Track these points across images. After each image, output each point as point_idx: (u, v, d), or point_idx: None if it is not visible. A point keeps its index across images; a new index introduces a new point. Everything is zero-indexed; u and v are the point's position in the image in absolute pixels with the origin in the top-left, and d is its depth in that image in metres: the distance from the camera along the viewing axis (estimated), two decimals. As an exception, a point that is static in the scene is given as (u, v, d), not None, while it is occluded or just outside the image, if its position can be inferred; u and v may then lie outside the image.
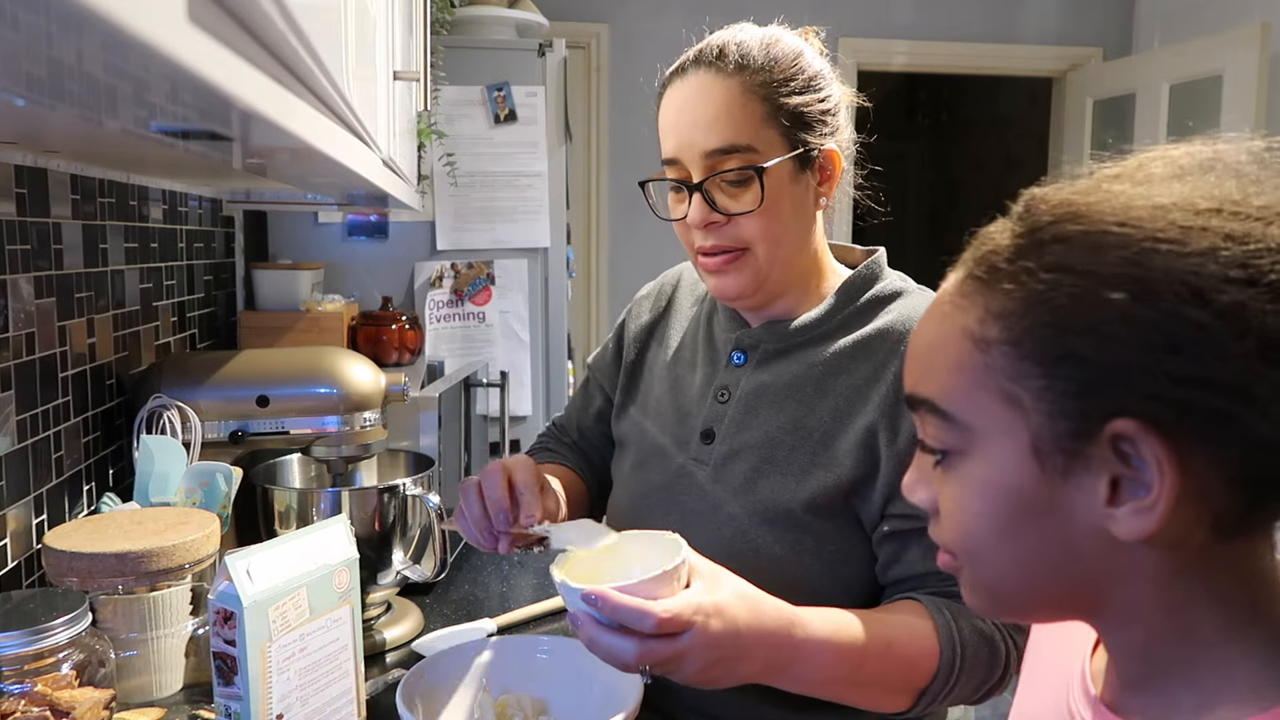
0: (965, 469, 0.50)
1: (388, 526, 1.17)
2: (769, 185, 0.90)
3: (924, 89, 6.27)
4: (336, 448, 1.23)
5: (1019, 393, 0.46)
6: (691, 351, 1.06)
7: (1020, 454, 0.47)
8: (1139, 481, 0.44)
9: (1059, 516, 0.47)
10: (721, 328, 1.03)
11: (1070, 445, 0.45)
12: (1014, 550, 0.49)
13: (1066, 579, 0.49)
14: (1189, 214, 0.44)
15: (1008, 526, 0.49)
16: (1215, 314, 0.42)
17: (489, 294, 2.19)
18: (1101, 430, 0.44)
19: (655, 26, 3.44)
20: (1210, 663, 0.47)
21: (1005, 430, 0.47)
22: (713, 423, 0.99)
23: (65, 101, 0.50)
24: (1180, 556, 0.46)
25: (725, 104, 0.90)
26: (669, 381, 1.06)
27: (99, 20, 0.25)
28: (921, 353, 0.53)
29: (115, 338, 1.29)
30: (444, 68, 2.04)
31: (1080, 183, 0.49)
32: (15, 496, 1.02)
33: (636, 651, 0.72)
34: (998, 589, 0.52)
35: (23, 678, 0.79)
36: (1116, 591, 0.48)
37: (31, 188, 1.05)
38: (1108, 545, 0.46)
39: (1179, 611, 0.48)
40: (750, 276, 0.94)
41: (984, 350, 0.48)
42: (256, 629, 0.82)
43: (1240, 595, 0.47)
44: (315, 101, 0.60)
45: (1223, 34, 3.12)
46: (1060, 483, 0.46)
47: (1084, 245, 0.45)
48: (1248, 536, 0.47)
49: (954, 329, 0.50)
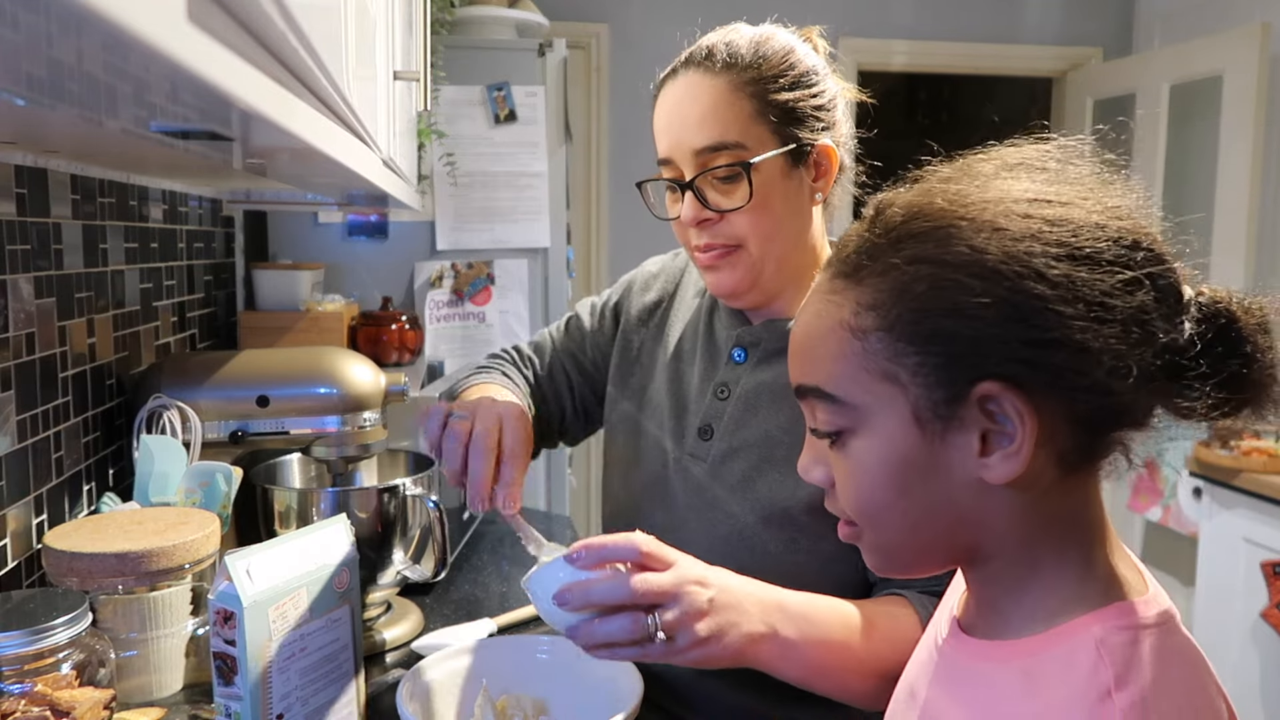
0: (856, 445, 0.57)
1: (388, 526, 1.17)
2: (758, 180, 0.91)
3: (924, 89, 6.27)
4: (336, 448, 1.23)
5: (896, 370, 0.54)
6: (691, 346, 1.06)
7: (903, 423, 0.54)
8: (1003, 434, 0.52)
9: (940, 473, 0.55)
10: (722, 324, 1.03)
11: (945, 410, 0.53)
12: (904, 508, 0.56)
13: (947, 528, 0.57)
14: (1014, 204, 0.53)
15: (899, 488, 0.56)
16: (1050, 285, 0.50)
17: (489, 294, 2.19)
18: (970, 393, 0.52)
19: (655, 26, 3.44)
20: (1039, 584, 0.56)
21: (888, 405, 0.55)
22: (711, 419, 0.98)
23: (65, 101, 0.50)
24: (1032, 494, 0.54)
25: (713, 102, 0.90)
26: (667, 375, 1.06)
27: (99, 20, 0.25)
28: (803, 347, 0.59)
29: (115, 338, 1.29)
30: (444, 68, 2.04)
31: (920, 185, 0.58)
32: (15, 496, 1.02)
33: (631, 581, 0.73)
34: (892, 546, 0.60)
35: (23, 678, 0.79)
36: (984, 532, 0.56)
37: (31, 188, 1.05)
38: (980, 492, 0.54)
39: (1027, 542, 0.56)
40: (744, 272, 0.95)
41: (861, 338, 0.55)
42: (256, 629, 0.82)
43: (1069, 524, 0.56)
44: (315, 101, 0.60)
45: (1223, 34, 3.12)
46: (939, 443, 0.54)
47: (934, 239, 0.53)
48: (1084, 472, 0.56)
49: (830, 322, 0.57)
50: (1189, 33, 3.40)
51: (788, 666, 0.79)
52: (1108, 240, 0.52)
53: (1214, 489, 2.38)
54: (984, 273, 0.51)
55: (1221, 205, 3.05)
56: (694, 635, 0.73)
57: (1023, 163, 0.57)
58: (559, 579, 0.75)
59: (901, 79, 5.75)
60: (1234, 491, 2.31)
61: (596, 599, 0.73)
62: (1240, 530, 2.30)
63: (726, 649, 0.75)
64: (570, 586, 0.74)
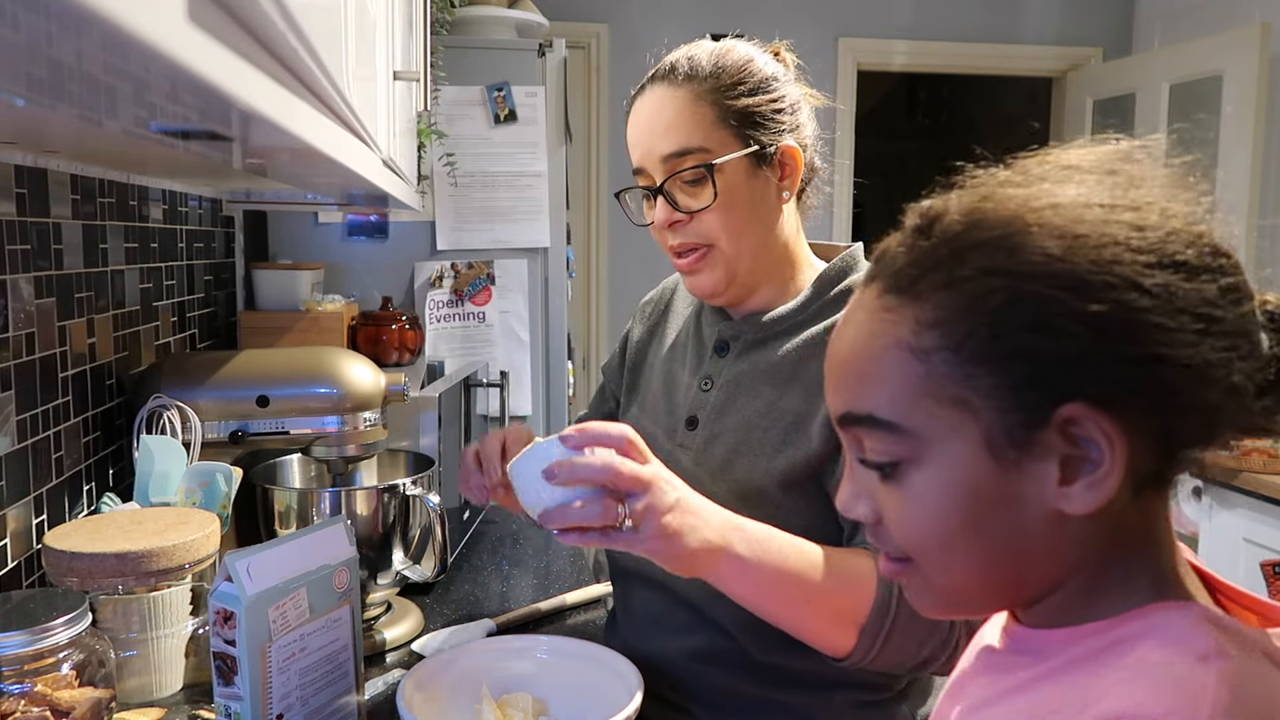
0: (917, 476, 0.51)
1: (388, 526, 1.17)
2: (723, 180, 0.97)
3: (924, 89, 6.26)
4: (336, 448, 1.23)
5: (966, 394, 0.49)
6: (683, 348, 1.12)
7: (974, 451, 0.49)
8: (1087, 459, 0.47)
9: (1013, 505, 0.49)
10: (708, 323, 1.09)
11: (1021, 435, 0.48)
12: (972, 546, 0.51)
13: (1016, 566, 0.52)
14: (1087, 209, 0.48)
15: (968, 523, 0.51)
16: (1149, 295, 0.45)
17: (489, 294, 2.19)
18: (1051, 417, 0.47)
19: (655, 26, 3.44)
20: (1106, 594, 0.51)
21: (955, 432, 0.49)
22: (696, 410, 1.05)
23: (65, 101, 0.50)
24: (1105, 520, 0.49)
25: (677, 111, 0.98)
26: (663, 377, 1.12)
27: (99, 20, 0.25)
28: (851, 371, 0.54)
29: (115, 338, 1.29)
30: (444, 68, 2.04)
31: (975, 189, 0.52)
32: (15, 496, 1.02)
33: (614, 462, 0.79)
34: (955, 588, 0.54)
35: (23, 678, 0.79)
36: (1053, 567, 0.51)
37: (31, 188, 1.05)
38: (1054, 524, 0.49)
39: (1094, 570, 0.51)
40: (721, 272, 1.01)
41: (923, 359, 0.50)
42: (256, 629, 0.82)
43: (1142, 544, 0.51)
44: (315, 101, 0.60)
45: (1223, 34, 3.12)
46: (1015, 472, 0.49)
47: (1004, 247, 0.48)
48: (1157, 488, 0.51)
49: (885, 342, 0.51)
50: (1189, 33, 3.40)
51: (741, 586, 0.85)
52: (1195, 247, 0.47)
53: (1214, 489, 2.38)
54: (1070, 283, 0.46)
55: (1221, 205, 3.05)
56: (657, 526, 0.79)
57: (1083, 165, 0.52)
58: (551, 456, 0.81)
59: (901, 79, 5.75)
60: (1234, 491, 2.31)
61: (583, 474, 0.80)
62: (1240, 530, 2.30)
63: (685, 549, 0.81)
64: (560, 462, 0.80)
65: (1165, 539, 0.52)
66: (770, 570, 0.84)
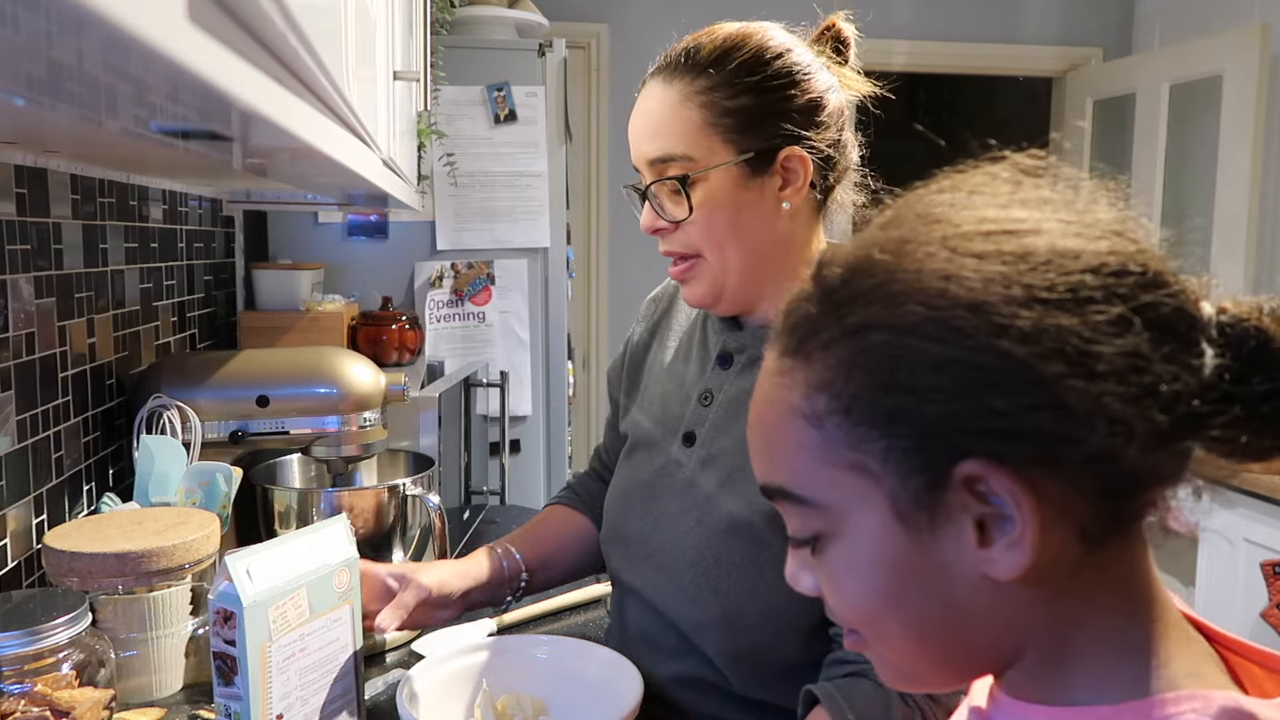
0: (836, 550, 0.48)
1: (388, 526, 1.17)
2: (704, 191, 0.90)
3: (924, 89, 6.26)
4: (336, 448, 1.23)
5: (864, 460, 0.45)
6: (686, 350, 1.06)
7: (884, 520, 0.45)
8: (1002, 516, 0.43)
9: (937, 572, 0.45)
10: (714, 329, 1.03)
11: (928, 499, 0.44)
12: (905, 618, 0.47)
13: (959, 635, 0.47)
14: (966, 241, 0.44)
15: (893, 595, 0.47)
16: (1019, 339, 0.41)
17: (489, 294, 2.19)
18: (950, 476, 0.43)
19: (655, 26, 3.44)
20: (1083, 669, 0.47)
21: (862, 500, 0.46)
22: (694, 425, 0.99)
23: (65, 101, 0.50)
24: (1057, 581, 0.45)
25: (663, 114, 0.90)
26: (664, 378, 1.07)
27: (99, 20, 0.25)
28: (758, 440, 0.51)
29: (115, 338, 1.29)
30: (444, 68, 2.04)
31: (860, 236, 0.48)
32: (15, 496, 1.02)
33: None
34: (901, 662, 0.50)
35: (23, 678, 0.79)
36: (1008, 634, 0.47)
37: (31, 188, 1.05)
38: (991, 589, 0.45)
39: (1061, 630, 0.47)
40: (708, 284, 0.94)
41: (817, 426, 0.46)
42: (256, 629, 0.82)
43: (1116, 603, 0.47)
44: (315, 101, 0.60)
45: (1223, 34, 3.12)
46: (930, 538, 0.45)
47: (879, 299, 0.45)
48: (1119, 537, 0.46)
49: (783, 410, 0.48)
50: (1189, 33, 3.40)
51: None
52: (1085, 270, 0.42)
53: (1214, 488, 2.37)
54: (943, 334, 0.42)
55: (1221, 206, 3.05)
56: None
57: (978, 187, 0.48)
58: None
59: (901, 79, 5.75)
60: (1234, 491, 2.31)
61: None
62: (1240, 530, 2.30)
63: None
64: None
65: (1147, 594, 0.47)
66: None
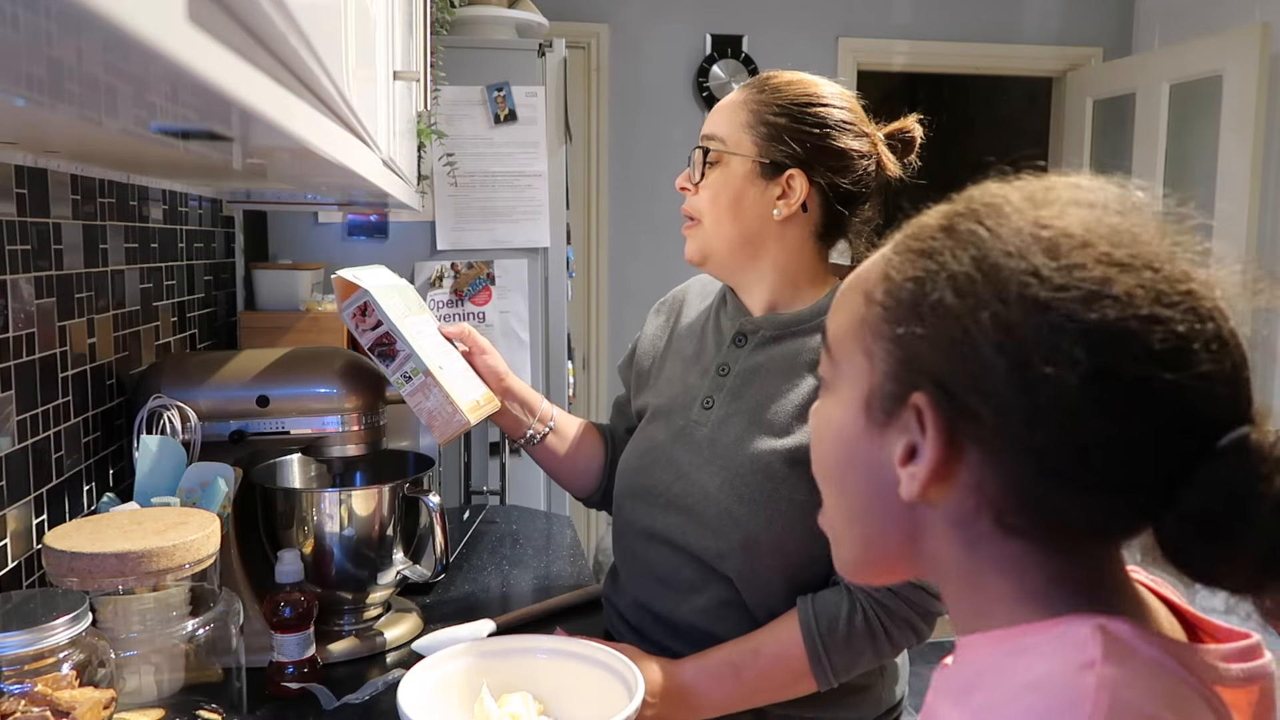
0: (824, 404, 0.58)
1: (388, 526, 1.17)
2: (721, 170, 1.10)
3: (924, 89, 6.27)
4: (336, 448, 1.23)
5: (874, 349, 0.53)
6: (700, 338, 1.20)
7: (857, 403, 0.54)
8: (919, 450, 0.51)
9: (874, 469, 0.53)
10: (728, 316, 1.18)
11: (889, 405, 0.52)
12: (845, 487, 0.56)
13: (882, 528, 0.55)
14: (1055, 242, 0.48)
15: (840, 468, 0.56)
16: (1017, 342, 0.46)
17: (489, 294, 2.19)
18: (908, 398, 0.51)
19: (655, 26, 3.44)
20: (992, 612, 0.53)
21: (855, 377, 0.55)
22: (713, 392, 1.14)
23: (65, 101, 0.50)
24: (972, 533, 0.51)
25: (729, 107, 1.13)
26: (679, 362, 1.20)
27: (99, 20, 0.25)
28: (846, 287, 0.59)
29: (115, 338, 1.29)
30: (444, 68, 2.04)
31: (998, 188, 0.53)
32: (15, 496, 1.02)
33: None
34: (839, 541, 0.59)
35: (23, 678, 0.79)
36: (923, 545, 0.54)
37: (31, 188, 1.05)
38: (907, 506, 0.52)
39: (970, 577, 0.53)
40: (697, 246, 1.14)
41: (868, 305, 0.54)
42: (391, 304, 1.07)
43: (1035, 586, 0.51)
44: (315, 102, 0.60)
45: (1223, 34, 3.12)
46: (878, 437, 0.53)
47: (957, 237, 0.51)
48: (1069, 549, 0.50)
49: (863, 278, 0.56)
50: (1189, 32, 3.40)
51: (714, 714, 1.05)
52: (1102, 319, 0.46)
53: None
54: (966, 295, 0.48)
55: (1221, 206, 3.05)
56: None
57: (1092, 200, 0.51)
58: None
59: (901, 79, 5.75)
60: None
61: None
62: (1240, 530, 2.30)
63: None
64: None
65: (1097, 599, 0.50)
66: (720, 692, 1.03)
